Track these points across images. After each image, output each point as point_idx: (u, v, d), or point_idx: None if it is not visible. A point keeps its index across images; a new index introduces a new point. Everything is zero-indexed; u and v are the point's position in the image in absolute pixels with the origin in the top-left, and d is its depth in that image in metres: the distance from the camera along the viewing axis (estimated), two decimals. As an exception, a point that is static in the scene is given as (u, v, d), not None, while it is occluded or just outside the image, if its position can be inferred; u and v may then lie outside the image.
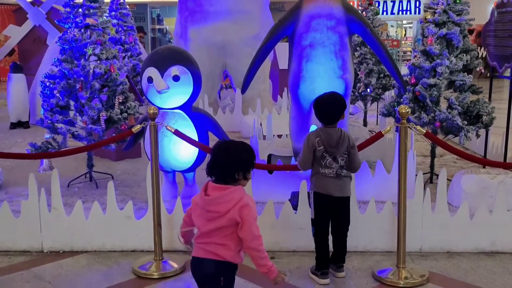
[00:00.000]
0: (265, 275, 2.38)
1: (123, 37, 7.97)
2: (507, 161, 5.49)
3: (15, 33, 11.37)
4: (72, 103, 5.14)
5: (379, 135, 3.55)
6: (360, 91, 7.48)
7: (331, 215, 3.38)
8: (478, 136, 4.96)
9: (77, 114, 5.12)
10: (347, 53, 4.69)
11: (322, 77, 4.64)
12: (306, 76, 4.69)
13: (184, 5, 8.79)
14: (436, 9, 4.89)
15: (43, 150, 4.95)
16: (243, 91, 5.08)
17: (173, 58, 4.37)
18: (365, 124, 7.94)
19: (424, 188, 3.84)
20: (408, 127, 3.39)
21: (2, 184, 5.28)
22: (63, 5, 5.12)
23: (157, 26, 22.95)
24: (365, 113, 8.04)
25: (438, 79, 4.78)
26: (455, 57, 4.84)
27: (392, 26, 21.85)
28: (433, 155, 5.27)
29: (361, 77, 7.42)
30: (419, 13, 19.90)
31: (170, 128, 3.77)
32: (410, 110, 3.35)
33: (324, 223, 3.39)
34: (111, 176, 5.60)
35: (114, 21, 8.01)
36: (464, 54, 4.89)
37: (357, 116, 9.37)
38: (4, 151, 6.70)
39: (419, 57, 4.93)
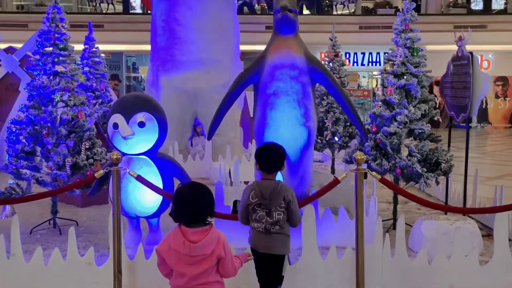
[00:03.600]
0: None
1: (94, 84, 8.06)
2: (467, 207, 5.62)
3: (-12, 80, 11.35)
4: (38, 149, 5.14)
5: (336, 182, 3.64)
6: (327, 139, 7.64)
7: (258, 270, 3.27)
8: (438, 183, 5.09)
9: (43, 160, 5.11)
10: (310, 102, 4.85)
11: (286, 124, 4.77)
12: (270, 123, 4.82)
13: (156, 54, 8.96)
14: (395, 61, 5.11)
15: (7, 196, 4.91)
16: (209, 137, 5.18)
17: (139, 104, 4.45)
18: (333, 171, 8.07)
19: (387, 234, 3.92)
20: (364, 172, 3.50)
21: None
22: (33, 52, 5.20)
23: (132, 74, 23.16)
24: (333, 160, 8.18)
25: (398, 127, 4.94)
26: (413, 106, 5.03)
27: (364, 76, 22.47)
28: (395, 201, 5.38)
29: (328, 125, 7.60)
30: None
31: (132, 174, 3.80)
32: (365, 157, 3.47)
33: (258, 277, 3.30)
34: (75, 222, 5.55)
35: (86, 68, 8.10)
36: (423, 104, 5.08)
37: (326, 163, 9.52)
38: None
39: (379, 106, 5.10)
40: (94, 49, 8.27)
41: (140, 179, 3.83)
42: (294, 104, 4.76)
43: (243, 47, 12.34)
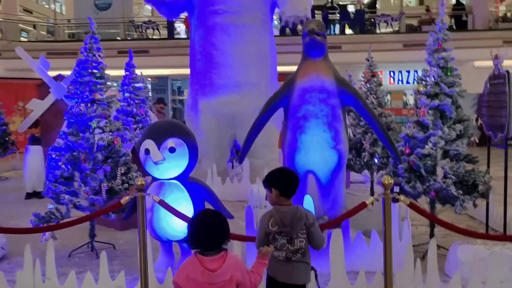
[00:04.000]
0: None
1: (134, 110, 8.28)
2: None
3: (38, 107, 11.86)
4: (77, 174, 5.31)
5: (363, 205, 3.58)
6: (365, 160, 7.53)
7: None
8: (475, 205, 4.92)
9: (81, 184, 5.27)
10: (341, 124, 4.82)
11: (316, 148, 4.76)
12: (300, 147, 4.82)
13: (194, 79, 9.14)
14: (428, 81, 5.01)
15: (46, 221, 5.09)
16: (240, 161, 5.22)
17: (169, 130, 4.55)
18: (372, 193, 7.93)
19: (419, 259, 3.82)
20: (393, 197, 3.43)
21: (7, 254, 5.38)
22: (71, 81, 5.41)
23: (178, 97, 23.63)
24: (372, 182, 8.04)
25: (432, 149, 4.83)
26: (448, 127, 4.90)
27: (411, 94, 22.08)
28: (432, 224, 5.22)
29: (366, 146, 7.49)
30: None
31: (155, 198, 3.87)
32: (393, 180, 3.40)
33: None
34: (112, 245, 5.67)
35: (127, 94, 8.36)
36: (458, 124, 4.95)
37: (367, 185, 9.37)
38: (16, 220, 6.97)
39: (413, 127, 5.01)
40: (134, 75, 8.51)
41: (163, 204, 3.89)
42: (324, 127, 4.74)
43: (286, 68, 12.46)
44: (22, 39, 24.11)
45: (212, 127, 8.88)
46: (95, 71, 5.33)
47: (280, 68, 10.81)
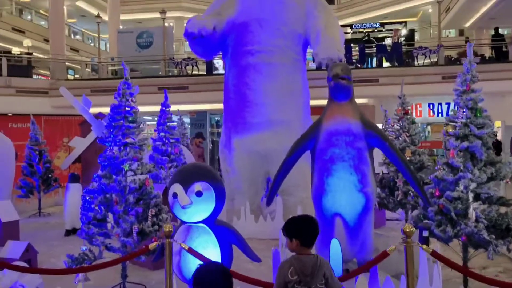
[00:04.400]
0: None
1: (169, 149, 8.46)
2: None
3: (80, 144, 12.28)
4: (110, 215, 5.45)
5: (385, 254, 3.54)
6: (398, 199, 7.42)
7: None
8: (509, 250, 4.77)
9: (114, 226, 5.40)
10: (367, 167, 4.80)
11: (343, 191, 4.75)
12: (327, 189, 4.82)
13: (228, 117, 9.29)
14: (457, 122, 4.95)
15: (79, 262, 5.21)
16: (268, 203, 5.23)
17: (196, 174, 4.63)
18: (407, 232, 7.76)
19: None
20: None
21: (42, 294, 5.52)
22: (105, 125, 5.60)
23: (216, 130, 23.93)
24: (406, 221, 7.90)
25: (462, 192, 4.73)
26: (479, 169, 4.81)
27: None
28: (466, 268, 5.07)
29: (399, 185, 7.40)
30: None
31: (184, 246, 3.92)
32: (414, 229, 3.36)
33: None
34: (144, 286, 5.74)
35: (162, 134, 8.56)
36: (490, 166, 4.85)
37: (403, 223, 9.19)
38: (55, 258, 7.16)
39: (442, 169, 4.93)
40: (169, 115, 8.74)
41: (191, 251, 3.94)
42: (351, 170, 4.74)
43: (322, 102, 12.50)
44: (68, 76, 25.09)
45: (245, 164, 8.96)
46: (128, 115, 5.50)
47: (316, 102, 10.87)
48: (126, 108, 5.54)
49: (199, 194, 4.53)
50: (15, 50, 24.74)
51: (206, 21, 8.82)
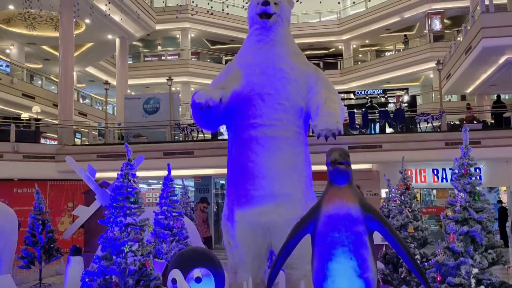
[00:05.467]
0: None
1: (171, 223, 8.46)
2: None
3: (83, 213, 12.32)
4: (109, 297, 5.40)
5: None
6: (402, 276, 7.32)
7: None
8: (514, 338, 4.67)
9: (113, 308, 5.35)
10: (367, 251, 4.79)
11: (343, 276, 4.72)
12: (328, 274, 4.80)
13: (231, 189, 9.32)
14: (456, 206, 4.98)
15: None
16: (268, 286, 5.18)
17: (196, 260, 4.65)
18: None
19: None
20: None
21: None
22: (107, 206, 5.66)
23: (221, 191, 23.91)
24: (411, 299, 7.75)
25: (464, 278, 4.69)
26: (479, 254, 4.78)
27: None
28: None
29: (403, 262, 7.31)
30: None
31: (180, 338, 3.88)
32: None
33: None
34: None
35: (164, 207, 8.58)
36: (491, 251, 4.83)
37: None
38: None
39: (443, 254, 4.91)
40: (172, 188, 8.78)
41: None
42: (351, 254, 4.73)
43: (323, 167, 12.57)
44: (76, 139, 25.43)
45: (248, 237, 8.89)
46: (130, 196, 5.57)
47: (319, 168, 10.93)
48: (128, 189, 5.60)
49: (198, 280, 4.53)
50: (24, 115, 25.20)
51: (213, 92, 8.96)
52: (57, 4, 23.91)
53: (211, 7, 21.36)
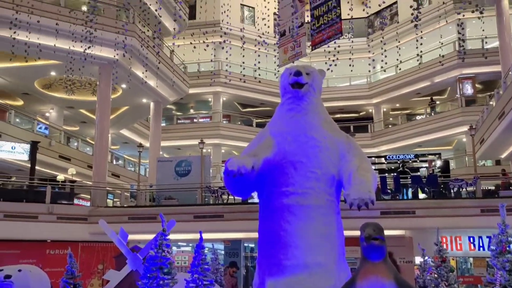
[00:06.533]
0: None
1: (202, 292, 8.38)
2: None
3: (114, 277, 12.33)
4: None
5: None
6: None
7: None
8: None
9: None
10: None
11: None
12: None
13: (262, 259, 9.24)
14: (495, 285, 4.84)
15: None
16: None
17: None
18: None
19: None
20: None
21: None
22: (140, 276, 5.70)
23: (250, 255, 23.61)
24: None
25: None
26: (523, 336, 4.60)
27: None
28: None
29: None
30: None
31: None
32: None
33: None
34: None
35: (196, 275, 8.53)
36: (534, 333, 4.64)
37: None
38: None
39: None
40: (203, 256, 8.76)
41: None
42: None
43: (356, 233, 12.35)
44: (108, 200, 25.79)
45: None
46: (163, 267, 5.61)
47: (350, 233, 10.78)
48: (162, 260, 5.65)
49: None
50: (60, 177, 25.83)
51: (245, 160, 9.06)
52: (96, 71, 24.99)
53: (244, 75, 21.94)
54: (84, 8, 24.36)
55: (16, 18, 17.15)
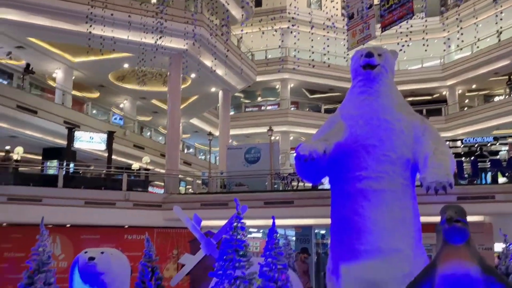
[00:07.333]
0: None
1: (276, 275, 8.40)
2: None
3: (189, 261, 12.64)
4: None
5: None
6: None
7: None
8: None
9: None
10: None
11: None
12: None
13: (336, 243, 9.18)
14: None
15: None
16: None
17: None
18: None
19: None
20: None
21: None
22: (216, 258, 5.79)
23: (321, 241, 23.49)
24: None
25: None
26: None
27: None
28: None
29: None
30: None
31: None
32: None
33: None
34: None
35: (269, 259, 8.57)
36: None
37: None
38: None
39: None
40: (277, 240, 8.77)
41: None
42: (470, 320, 4.42)
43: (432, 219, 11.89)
44: (180, 188, 26.47)
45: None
46: (239, 249, 5.67)
47: (427, 219, 10.44)
48: (237, 242, 5.71)
49: None
50: (135, 165, 26.78)
51: (317, 144, 8.94)
52: (167, 61, 25.58)
53: (312, 60, 21.70)
54: (154, 0, 24.95)
55: (91, 13, 17.80)
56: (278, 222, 9.60)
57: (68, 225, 19.77)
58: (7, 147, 22.45)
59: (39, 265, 8.29)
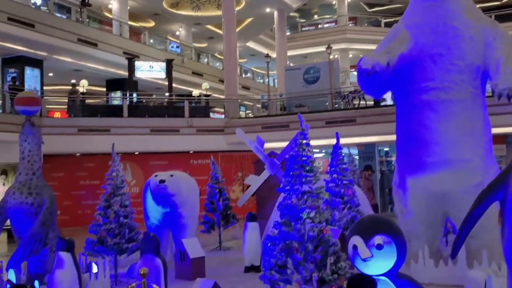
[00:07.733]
0: None
1: (342, 190, 8.50)
2: None
3: (254, 182, 12.93)
4: (290, 261, 5.64)
5: None
6: None
7: None
8: None
9: (294, 272, 5.57)
10: None
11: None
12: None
13: (402, 156, 9.06)
14: None
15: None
16: (453, 256, 4.96)
17: (377, 227, 4.59)
18: None
19: None
20: None
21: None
22: (283, 175, 5.85)
23: (385, 158, 23.34)
24: None
25: None
26: None
27: None
28: None
29: None
30: None
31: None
32: None
33: None
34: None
35: (335, 175, 8.63)
36: None
37: None
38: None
39: None
40: (341, 156, 8.78)
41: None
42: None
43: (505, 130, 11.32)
44: (240, 113, 26.68)
45: (421, 205, 8.63)
46: (305, 165, 5.69)
47: (499, 130, 10.03)
48: (303, 158, 5.72)
49: (379, 247, 4.48)
50: (195, 92, 27.08)
51: (380, 57, 8.63)
52: (219, -17, 25.06)
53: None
54: None
55: None
56: (341, 141, 9.55)
57: (136, 153, 20.56)
58: (73, 81, 23.15)
59: (114, 189, 8.72)
